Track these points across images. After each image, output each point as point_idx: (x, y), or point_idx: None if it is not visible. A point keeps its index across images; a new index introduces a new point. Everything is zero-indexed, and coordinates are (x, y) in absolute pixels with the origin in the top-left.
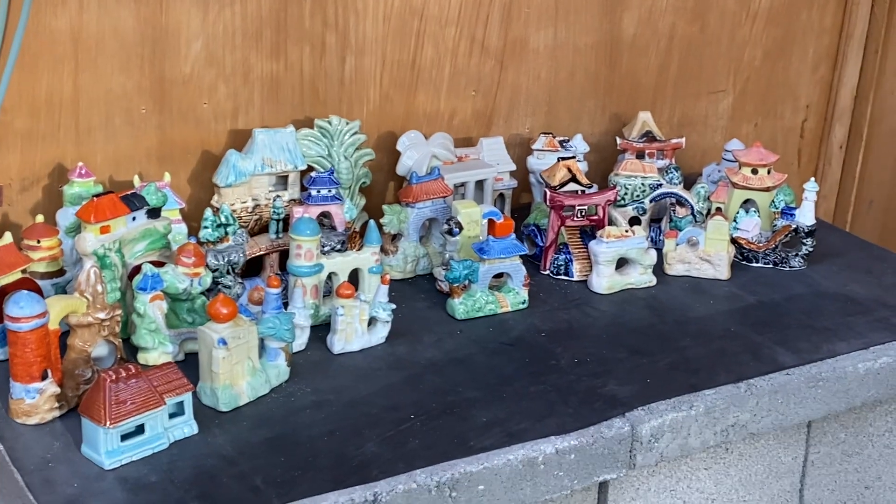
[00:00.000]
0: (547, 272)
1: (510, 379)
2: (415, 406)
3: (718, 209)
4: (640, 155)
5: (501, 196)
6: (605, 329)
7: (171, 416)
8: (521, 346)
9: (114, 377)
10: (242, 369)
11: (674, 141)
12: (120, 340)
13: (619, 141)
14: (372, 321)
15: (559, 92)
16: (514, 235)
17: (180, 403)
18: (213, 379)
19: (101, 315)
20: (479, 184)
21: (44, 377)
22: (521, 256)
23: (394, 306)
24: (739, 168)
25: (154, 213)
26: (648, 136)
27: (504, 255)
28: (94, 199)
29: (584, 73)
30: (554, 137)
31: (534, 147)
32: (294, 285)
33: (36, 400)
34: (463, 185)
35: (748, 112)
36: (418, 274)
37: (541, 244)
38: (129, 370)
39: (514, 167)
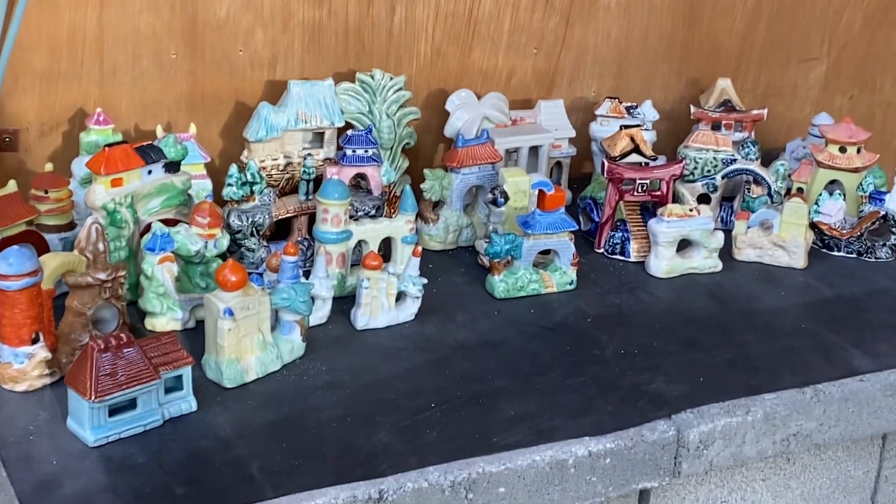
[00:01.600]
0: (601, 250)
1: (546, 368)
2: (437, 393)
3: (800, 190)
4: (715, 126)
5: (559, 165)
6: (659, 317)
7: (169, 390)
8: (563, 331)
9: (102, 346)
10: (251, 343)
11: (754, 112)
12: (124, 304)
13: (693, 110)
14: (400, 296)
15: (630, 53)
16: (563, 209)
17: (179, 377)
18: (217, 352)
19: (102, 275)
20: (534, 150)
21: (34, 341)
22: (572, 233)
23: (425, 281)
24: (826, 145)
25: (172, 166)
26: (726, 106)
27: (551, 231)
28: (106, 149)
29: (658, 34)
30: (620, 103)
31: (598, 113)
32: (318, 252)
33: (24, 365)
34: (516, 150)
35: (842, 83)
36: (460, 245)
37: (596, 219)
38: (120, 339)
39: (573, 133)
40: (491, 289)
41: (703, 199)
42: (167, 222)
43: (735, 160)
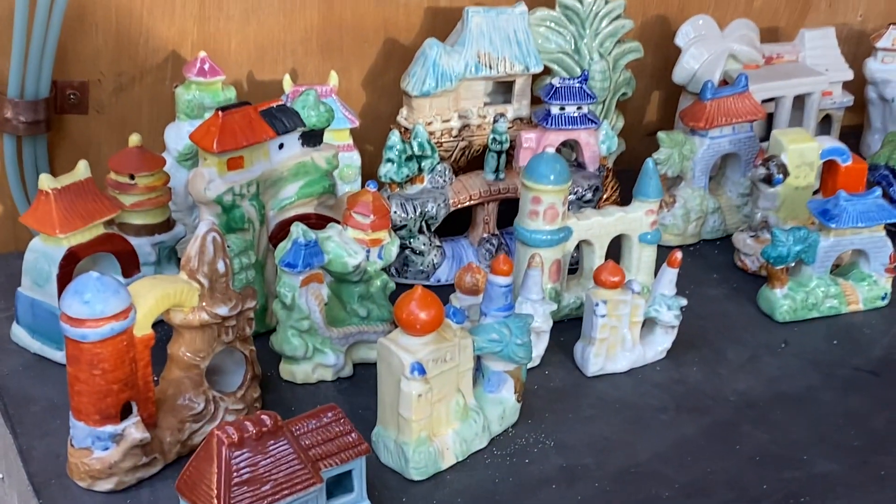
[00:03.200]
0: None
1: (885, 439)
2: (730, 487)
3: None
4: None
5: (827, 118)
6: None
7: (330, 491)
8: (890, 374)
9: (235, 438)
10: (448, 411)
11: None
12: (252, 348)
13: None
14: (647, 324)
15: None
16: (878, 190)
17: (346, 474)
18: (400, 428)
19: (223, 310)
20: (798, 100)
21: (125, 415)
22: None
23: (684, 302)
24: None
25: (313, 137)
26: None
27: (863, 224)
28: (220, 113)
29: None
30: None
31: (877, 45)
32: (529, 263)
33: (110, 452)
34: (773, 101)
35: None
36: (704, 239)
37: None
38: (262, 425)
39: (850, 75)
40: (769, 308)
41: None
42: (306, 220)
43: None
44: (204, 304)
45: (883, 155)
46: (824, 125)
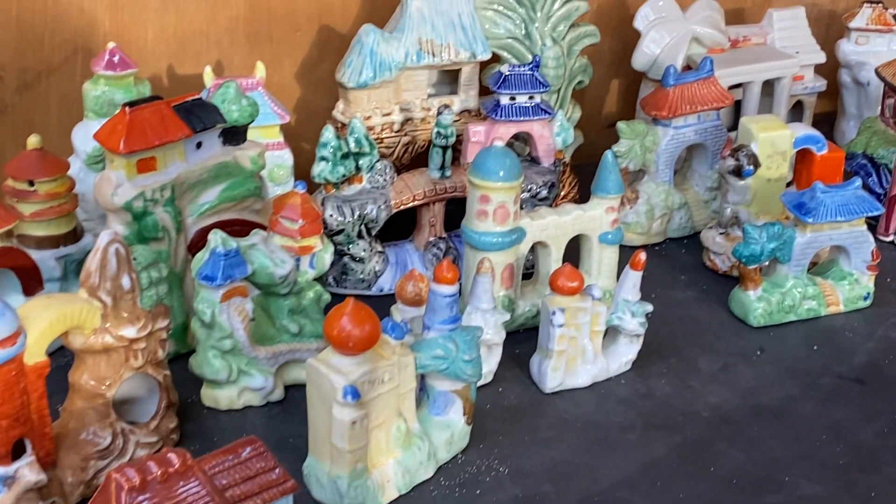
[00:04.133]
0: (890, 238)
1: (873, 454)
2: None
3: None
4: None
5: (799, 104)
6: None
7: None
8: (877, 383)
9: (135, 481)
10: (388, 438)
11: None
12: (167, 372)
13: None
14: (610, 333)
15: None
16: (858, 180)
17: None
18: (334, 459)
19: (130, 331)
20: (768, 85)
21: (17, 454)
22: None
23: (649, 308)
24: None
25: (235, 134)
26: None
27: (844, 218)
28: (128, 109)
29: None
30: (886, 9)
31: (851, 25)
32: (477, 269)
33: (2, 497)
34: (741, 87)
35: None
36: (670, 237)
37: (878, 190)
38: (168, 464)
39: (823, 57)
40: (742, 311)
41: None
42: (229, 227)
43: None
44: (107, 325)
45: (860, 142)
46: (796, 112)
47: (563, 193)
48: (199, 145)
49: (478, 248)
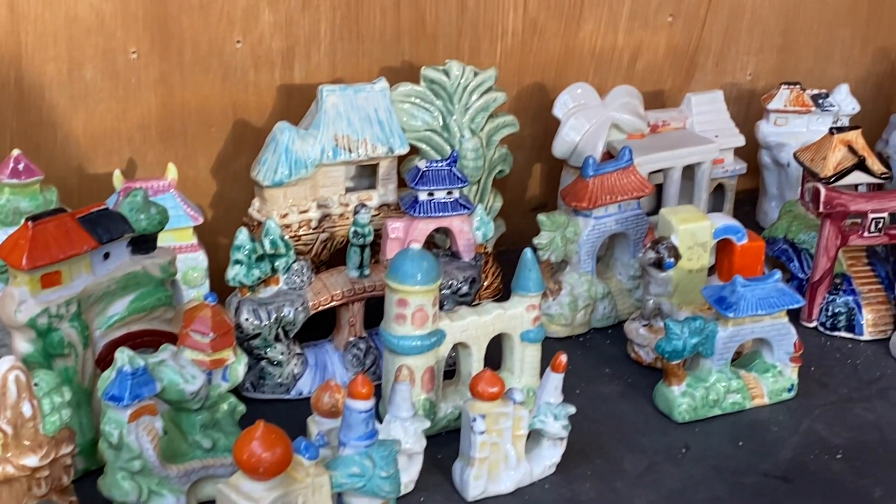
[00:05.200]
0: (814, 324)
1: None
2: None
3: None
4: None
5: (720, 188)
6: None
7: None
8: (804, 480)
9: None
10: None
11: None
12: (73, 498)
13: None
14: (533, 435)
15: (800, 15)
16: (778, 273)
17: None
18: None
19: (32, 460)
20: (689, 169)
21: None
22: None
23: (572, 410)
24: None
25: (144, 243)
26: None
27: (764, 311)
28: (30, 223)
29: None
30: (803, 90)
31: (769, 107)
32: (395, 377)
33: None
34: (661, 172)
35: None
36: (595, 327)
37: (801, 275)
38: None
39: (742, 141)
40: (667, 407)
41: None
42: (139, 338)
43: None
44: (8, 454)
45: (781, 227)
46: (717, 194)
47: (486, 284)
48: (106, 256)
49: (397, 353)
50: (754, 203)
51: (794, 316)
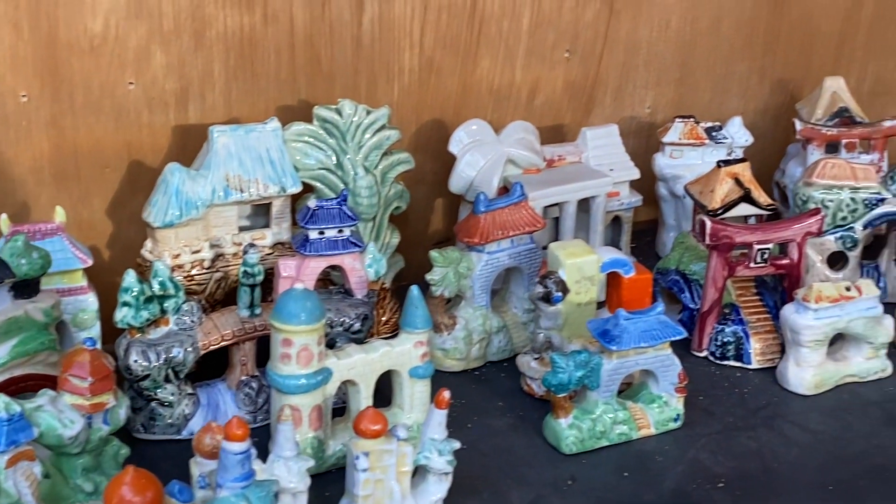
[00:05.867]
0: (703, 354)
1: None
2: None
3: None
4: (830, 146)
5: (616, 220)
6: (826, 470)
7: None
8: None
9: None
10: None
11: (887, 124)
12: None
13: (798, 126)
14: (419, 471)
15: (697, 49)
16: (661, 305)
17: None
18: None
19: None
20: (583, 203)
21: None
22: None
23: (456, 445)
24: None
25: (26, 287)
26: (843, 117)
27: (647, 344)
28: None
29: (734, 19)
30: (697, 123)
31: (665, 140)
32: (278, 415)
33: None
34: (556, 206)
35: None
36: (490, 361)
37: (691, 306)
38: None
39: (637, 174)
40: (555, 439)
41: (836, 259)
42: (23, 382)
43: (883, 200)
44: None
45: (673, 258)
46: (615, 226)
47: (384, 319)
48: None
49: (283, 392)
50: (655, 233)
51: (685, 346)
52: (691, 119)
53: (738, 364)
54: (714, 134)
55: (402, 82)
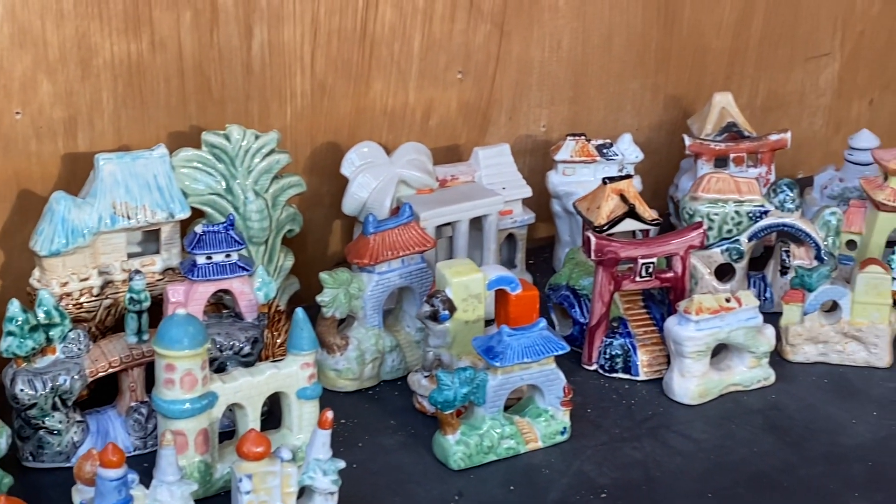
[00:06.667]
0: (593, 367)
1: None
2: None
3: (851, 244)
4: (720, 161)
5: (510, 238)
6: (708, 478)
7: None
8: None
9: None
10: None
11: (773, 138)
12: None
13: (688, 141)
14: (306, 491)
15: (589, 68)
16: (543, 322)
17: None
18: None
19: None
20: (476, 222)
21: None
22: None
23: (341, 465)
24: (885, 178)
25: None
26: (731, 132)
27: (530, 359)
28: None
29: (625, 38)
30: (588, 141)
31: (558, 158)
32: (160, 440)
33: None
34: (450, 225)
35: (861, 84)
36: (384, 380)
37: (581, 320)
38: None
39: (529, 192)
40: (443, 456)
41: (723, 271)
42: None
43: (766, 212)
44: None
45: (564, 274)
46: (510, 244)
47: (280, 341)
48: None
49: (168, 417)
50: (549, 249)
51: (576, 359)
52: (582, 137)
53: (627, 376)
54: (605, 151)
55: (294, 106)
